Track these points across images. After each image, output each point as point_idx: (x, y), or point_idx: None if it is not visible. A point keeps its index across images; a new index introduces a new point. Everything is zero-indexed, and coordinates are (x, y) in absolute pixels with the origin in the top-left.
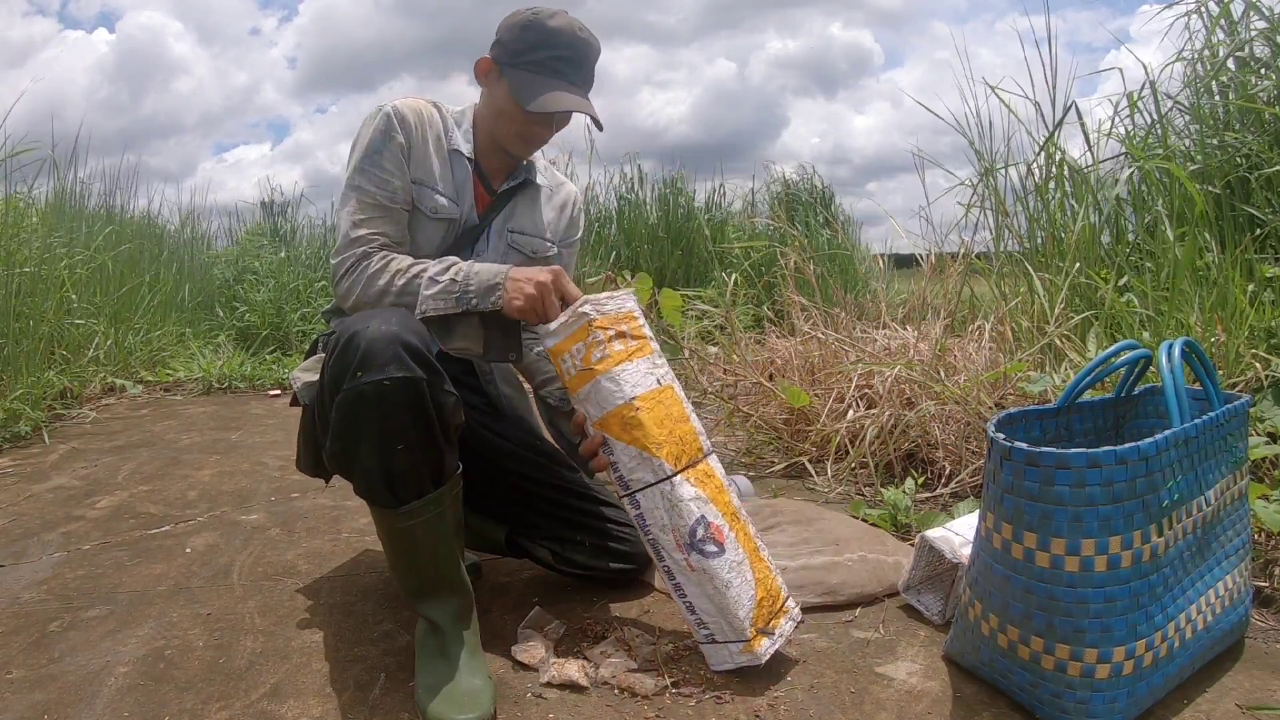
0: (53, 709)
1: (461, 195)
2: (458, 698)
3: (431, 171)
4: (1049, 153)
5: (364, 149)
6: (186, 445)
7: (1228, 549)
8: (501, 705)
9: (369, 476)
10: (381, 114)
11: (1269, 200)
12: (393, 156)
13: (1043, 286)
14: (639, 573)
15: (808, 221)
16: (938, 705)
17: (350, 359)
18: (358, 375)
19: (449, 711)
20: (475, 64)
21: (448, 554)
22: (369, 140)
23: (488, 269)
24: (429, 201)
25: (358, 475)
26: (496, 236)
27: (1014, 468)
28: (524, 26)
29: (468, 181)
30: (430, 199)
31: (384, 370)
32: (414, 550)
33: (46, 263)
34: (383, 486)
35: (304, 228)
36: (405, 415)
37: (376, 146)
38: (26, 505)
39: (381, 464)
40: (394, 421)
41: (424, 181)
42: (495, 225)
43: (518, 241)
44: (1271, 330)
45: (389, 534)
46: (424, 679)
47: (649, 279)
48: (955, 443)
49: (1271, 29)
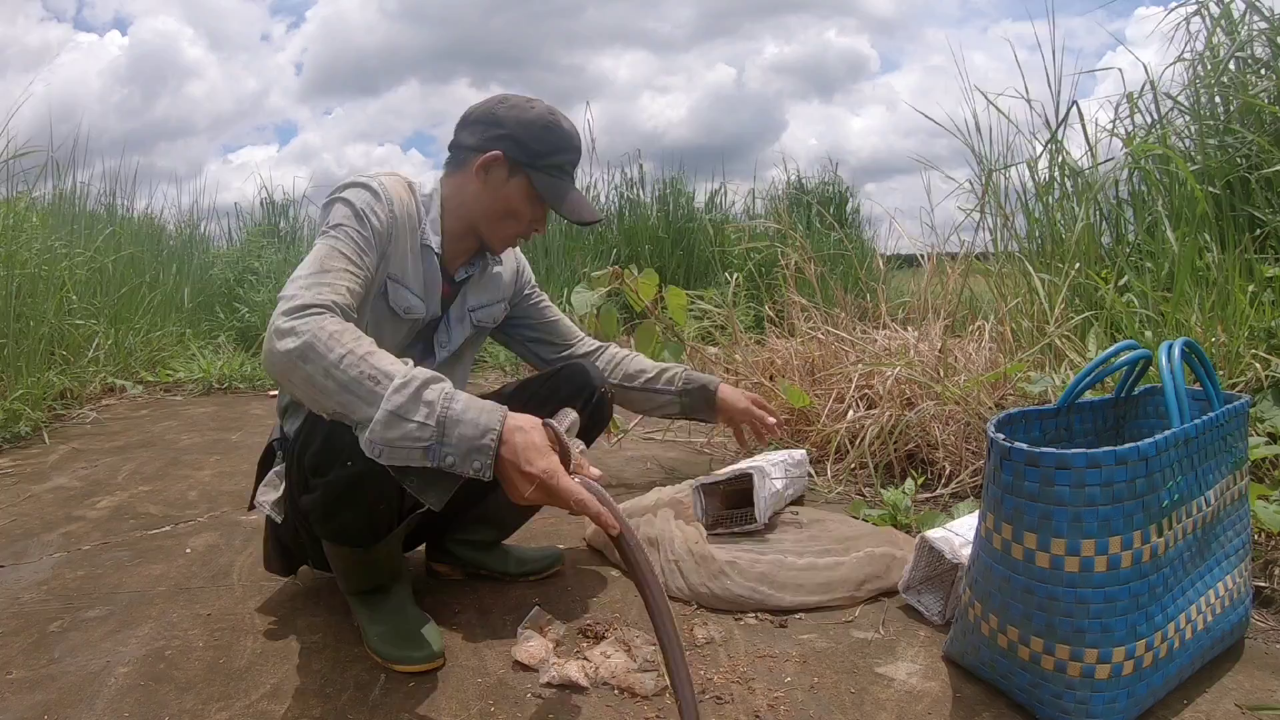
0: (53, 709)
1: (430, 293)
2: (411, 636)
3: (406, 269)
4: (1050, 153)
5: (345, 213)
6: (186, 445)
7: (1228, 549)
8: (501, 705)
9: (349, 531)
10: (369, 189)
11: (1269, 200)
12: (374, 231)
13: (1043, 287)
14: None
15: (809, 221)
16: (938, 705)
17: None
18: (348, 465)
19: (409, 649)
20: (474, 153)
21: (399, 551)
22: (355, 207)
23: (470, 419)
24: (402, 301)
25: (334, 532)
26: (457, 323)
27: (1014, 468)
28: (546, 127)
29: (436, 277)
30: (404, 298)
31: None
32: (374, 564)
33: (47, 264)
34: (365, 534)
35: (304, 226)
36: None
37: (361, 214)
38: (26, 505)
39: (367, 522)
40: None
41: (399, 279)
42: (453, 313)
43: (480, 318)
44: (1271, 330)
45: (353, 562)
46: (374, 628)
47: (655, 275)
48: (955, 443)
49: (1272, 29)
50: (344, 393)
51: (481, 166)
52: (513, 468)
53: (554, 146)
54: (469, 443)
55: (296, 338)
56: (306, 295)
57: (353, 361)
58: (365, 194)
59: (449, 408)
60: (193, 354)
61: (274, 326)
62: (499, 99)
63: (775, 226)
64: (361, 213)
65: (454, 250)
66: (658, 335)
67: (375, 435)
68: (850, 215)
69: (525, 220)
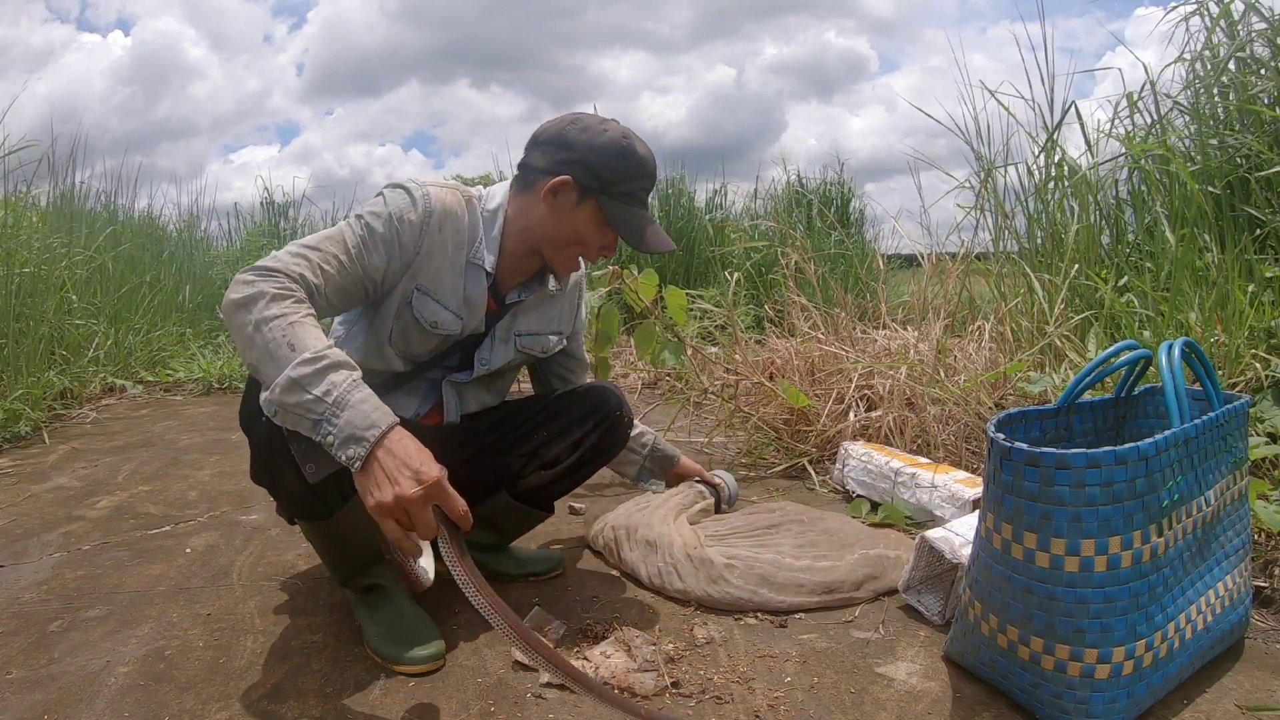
0: (53, 709)
1: (472, 310)
2: (412, 636)
3: (440, 282)
4: (1048, 153)
5: (374, 211)
6: (186, 445)
7: (1228, 549)
8: (501, 705)
9: (296, 496)
10: (411, 196)
11: (1269, 200)
12: (386, 239)
13: (1042, 287)
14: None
15: (810, 221)
16: (938, 705)
17: (255, 405)
18: (262, 418)
19: (409, 649)
20: (543, 176)
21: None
22: (385, 209)
23: (362, 411)
24: (430, 314)
25: (285, 497)
26: (502, 343)
27: (1014, 468)
28: (620, 154)
29: (481, 295)
30: (433, 311)
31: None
32: (347, 543)
33: (46, 263)
34: (313, 501)
35: (305, 227)
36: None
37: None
38: (26, 505)
39: (304, 483)
40: (303, 448)
41: (428, 290)
42: (499, 331)
43: (526, 344)
44: (1271, 330)
45: (324, 538)
46: (374, 628)
47: (654, 276)
48: (955, 443)
49: (1272, 30)
50: (262, 350)
51: (550, 191)
52: (397, 461)
53: (626, 174)
54: (352, 428)
55: (248, 288)
56: (281, 261)
57: (280, 325)
58: (404, 201)
59: (349, 394)
60: (193, 354)
61: (238, 275)
62: (571, 119)
63: (775, 226)
64: (389, 215)
65: (512, 269)
66: (657, 335)
67: (274, 396)
68: (854, 215)
69: (594, 246)
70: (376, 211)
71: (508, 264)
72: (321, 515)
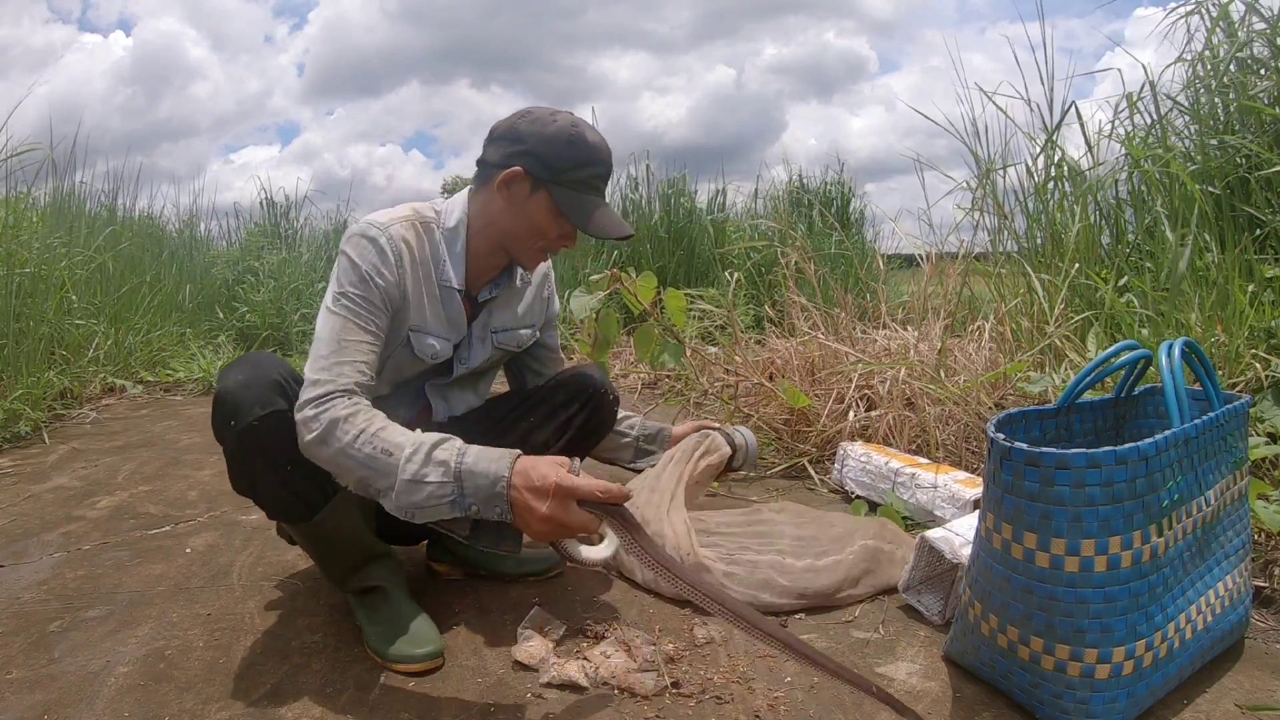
0: (53, 709)
1: (455, 326)
2: (410, 635)
3: (426, 316)
4: (1048, 153)
5: (353, 278)
6: (186, 445)
7: (1228, 549)
8: (501, 705)
9: (276, 499)
10: (375, 245)
11: (1269, 201)
12: (381, 295)
13: (1042, 287)
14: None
15: (810, 221)
16: (938, 705)
17: (223, 414)
18: (231, 425)
19: (409, 649)
20: (497, 170)
21: (364, 532)
22: (360, 271)
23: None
24: (427, 349)
25: (266, 501)
26: (479, 341)
27: (1014, 468)
28: (568, 143)
29: (459, 310)
30: (428, 347)
31: (250, 412)
32: (335, 543)
33: (46, 263)
34: (293, 502)
35: (306, 227)
36: (282, 440)
37: (366, 278)
38: (26, 505)
39: (282, 485)
40: (275, 449)
41: (421, 328)
42: (475, 330)
43: (502, 340)
44: (1271, 330)
45: (311, 540)
46: (373, 628)
47: (653, 278)
48: (955, 443)
49: (1272, 30)
50: (363, 469)
51: (503, 183)
52: (527, 494)
53: (576, 161)
54: (485, 491)
55: (318, 425)
56: (325, 382)
57: (366, 439)
58: (372, 254)
59: (461, 462)
60: (193, 354)
61: (300, 416)
62: (521, 113)
63: (775, 226)
64: (367, 277)
65: (480, 268)
66: (657, 337)
67: (401, 502)
68: (854, 215)
69: (552, 237)
70: (358, 278)
71: (475, 263)
72: (304, 517)
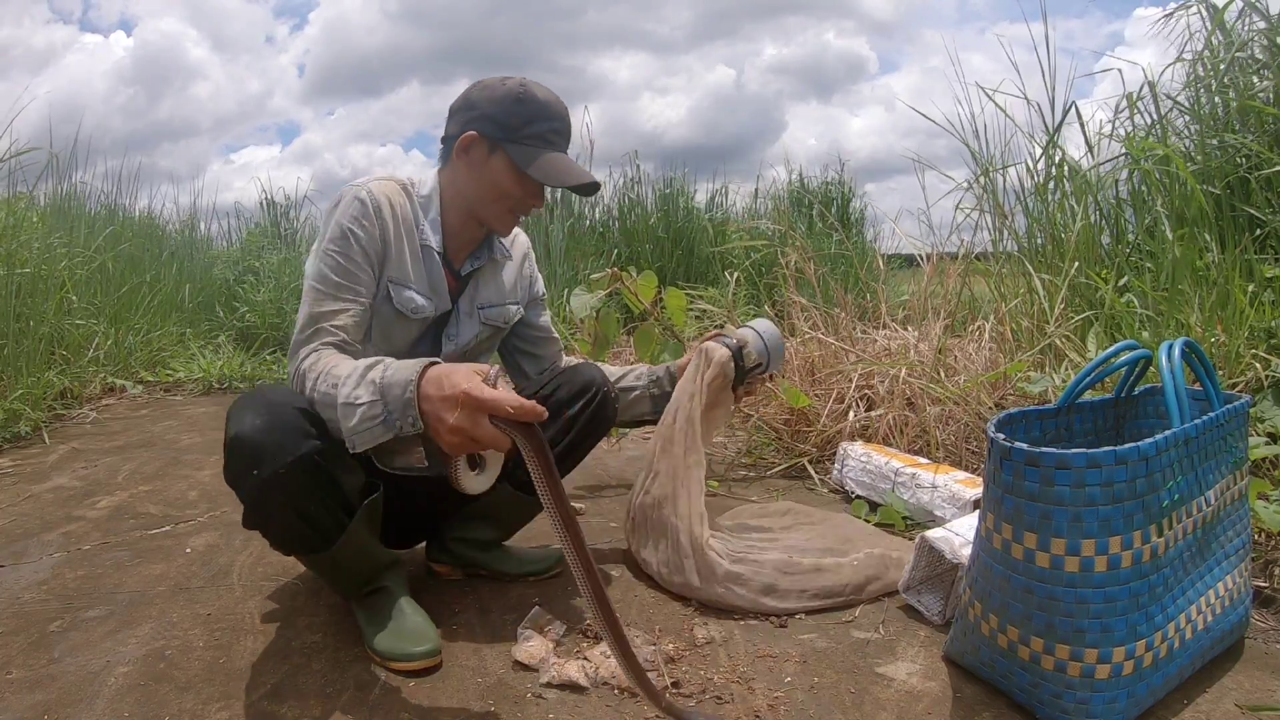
0: (53, 709)
1: (437, 290)
2: (409, 634)
3: (408, 271)
4: (1048, 153)
5: (333, 234)
6: (186, 445)
7: (1228, 549)
8: (501, 705)
9: (290, 536)
10: (356, 200)
11: (1269, 200)
12: (362, 249)
13: (1042, 287)
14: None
15: (810, 221)
16: (938, 705)
17: (242, 461)
18: (254, 474)
19: (405, 645)
20: (456, 140)
21: (377, 549)
22: (340, 226)
23: (397, 377)
24: (409, 303)
25: (278, 537)
26: (467, 317)
27: (1014, 468)
28: (517, 100)
29: (440, 274)
30: (410, 300)
31: (276, 460)
32: (348, 567)
33: (47, 263)
34: (310, 535)
35: (306, 227)
36: (308, 484)
37: (347, 234)
38: (26, 505)
39: (301, 521)
40: (300, 494)
41: (402, 282)
42: (463, 305)
43: (489, 316)
44: (1271, 330)
45: (322, 567)
46: (372, 627)
47: (653, 277)
48: (955, 443)
49: (1271, 30)
50: (327, 410)
51: (461, 149)
52: (438, 403)
53: (527, 117)
54: (398, 401)
55: (298, 379)
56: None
57: (322, 379)
58: (354, 207)
59: (384, 375)
60: (193, 354)
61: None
62: (474, 84)
63: (775, 227)
64: (349, 233)
65: (458, 242)
66: (657, 337)
67: (344, 431)
68: (854, 215)
69: (517, 196)
70: (340, 233)
71: (453, 238)
72: (320, 548)
